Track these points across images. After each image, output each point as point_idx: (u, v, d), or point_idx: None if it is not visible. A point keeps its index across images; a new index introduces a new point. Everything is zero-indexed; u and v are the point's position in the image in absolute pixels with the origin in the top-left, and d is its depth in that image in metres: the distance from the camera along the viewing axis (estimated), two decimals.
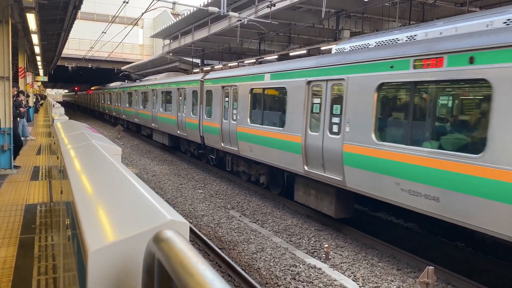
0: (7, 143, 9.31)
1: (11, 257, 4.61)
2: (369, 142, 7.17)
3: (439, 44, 6.11)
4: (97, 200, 1.37)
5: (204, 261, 0.71)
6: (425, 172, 6.12)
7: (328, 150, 8.21)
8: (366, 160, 7.22)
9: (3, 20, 9.24)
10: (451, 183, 5.74)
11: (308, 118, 8.88)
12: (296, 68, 9.38)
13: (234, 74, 12.59)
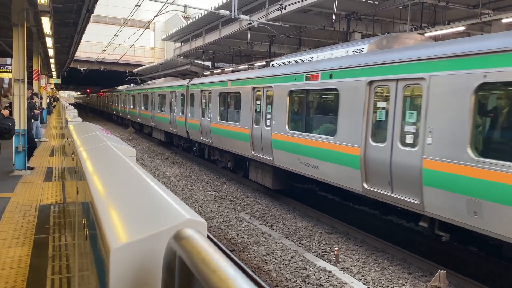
0: (22, 145, 9.46)
1: (26, 256, 4.69)
2: (283, 131, 10.04)
3: (317, 65, 9.01)
4: (116, 200, 1.40)
5: (226, 258, 0.73)
6: (312, 150, 8.88)
7: (265, 139, 10.79)
8: (282, 144, 9.99)
9: (18, 24, 9.41)
10: (322, 156, 8.58)
11: (253, 114, 11.46)
12: (246, 78, 12.14)
13: (208, 80, 15.39)
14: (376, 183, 7.31)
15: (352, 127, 7.79)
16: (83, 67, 42.01)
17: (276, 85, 10.34)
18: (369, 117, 7.45)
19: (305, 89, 9.33)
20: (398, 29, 17.45)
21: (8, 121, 6.59)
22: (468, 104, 5.66)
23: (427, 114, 6.23)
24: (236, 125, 12.30)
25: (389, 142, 6.92)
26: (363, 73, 7.60)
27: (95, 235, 1.38)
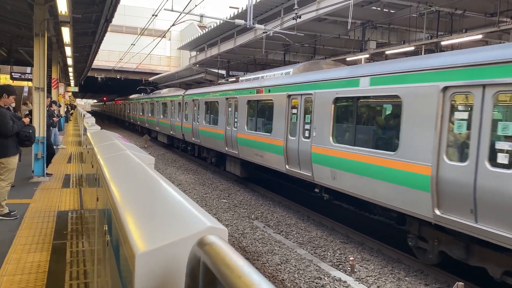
0: (41, 152, 9.66)
1: (45, 261, 4.78)
2: (244, 131, 13.05)
3: (262, 83, 12.30)
4: (138, 207, 1.44)
5: (250, 264, 0.76)
6: (258, 143, 12.00)
7: (231, 138, 13.97)
8: (244, 141, 12.97)
9: (39, 34, 9.66)
10: (264, 147, 11.65)
11: (227, 117, 14.38)
12: (219, 90, 15.66)
13: (197, 92, 18.61)
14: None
15: (278, 127, 10.95)
16: (100, 76, 42.74)
17: (240, 96, 13.50)
18: (287, 119, 10.57)
19: (256, 99, 12.53)
20: (414, 37, 17.36)
21: (29, 129, 6.73)
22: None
23: (313, 115, 9.36)
24: (215, 127, 15.58)
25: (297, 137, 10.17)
26: (285, 89, 10.70)
27: (117, 241, 1.41)
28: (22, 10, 11.56)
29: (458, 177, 5.78)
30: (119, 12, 13.56)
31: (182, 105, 20.29)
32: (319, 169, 9.08)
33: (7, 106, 6.69)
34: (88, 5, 11.98)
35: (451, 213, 5.97)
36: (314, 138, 9.26)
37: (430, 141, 6.29)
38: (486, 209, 5.42)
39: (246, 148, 12.73)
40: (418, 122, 6.57)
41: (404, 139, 6.81)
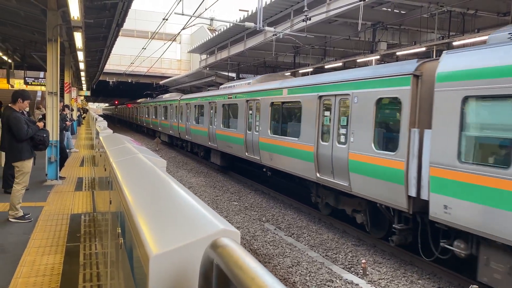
0: (54, 155, 9.79)
1: (59, 264, 4.84)
2: (220, 128, 16.32)
3: (232, 90, 15.57)
4: (151, 210, 1.45)
5: (262, 266, 0.76)
6: (228, 137, 15.28)
7: (213, 134, 17.05)
8: (220, 136, 16.16)
9: (52, 39, 9.80)
10: (233, 140, 14.67)
11: (210, 118, 17.76)
12: (204, 96, 19.38)
13: (190, 96, 22.22)
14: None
15: (241, 123, 14.17)
16: (112, 79, 43.14)
17: (218, 101, 16.79)
18: (246, 118, 13.93)
19: (227, 103, 15.97)
20: (426, 38, 17.22)
21: (43, 133, 6.83)
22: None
23: (260, 115, 12.98)
24: (202, 126, 18.89)
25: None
26: (244, 96, 14.28)
27: (131, 243, 1.43)
28: (35, 16, 11.74)
29: (325, 152, 9.24)
30: (130, 16, 13.69)
31: (178, 108, 23.96)
32: (263, 154, 12.60)
33: (21, 111, 6.80)
34: (99, 10, 12.12)
35: (324, 175, 9.36)
36: (260, 131, 12.81)
37: (313, 130, 9.73)
38: (336, 170, 8.80)
39: (221, 142, 16.41)
40: (308, 118, 10.01)
41: (302, 130, 10.28)
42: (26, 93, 7.07)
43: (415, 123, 6.92)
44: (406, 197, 6.92)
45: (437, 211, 6.30)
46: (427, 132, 6.60)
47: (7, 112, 6.65)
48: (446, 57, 6.52)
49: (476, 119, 6.06)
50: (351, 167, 8.28)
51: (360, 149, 8.08)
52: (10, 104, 6.85)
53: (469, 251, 6.16)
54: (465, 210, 5.89)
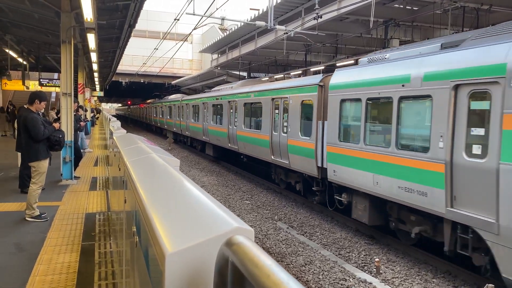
0: (69, 155, 9.93)
1: (75, 262, 4.91)
2: (210, 124, 19.42)
3: (219, 93, 19.02)
4: (166, 208, 1.47)
5: (277, 263, 0.78)
6: (215, 131, 18.75)
7: (207, 130, 20.27)
8: (211, 131, 19.32)
9: (66, 41, 9.94)
10: (220, 134, 18.04)
11: (204, 116, 21.12)
12: (199, 97, 22.84)
13: (189, 98, 26.13)
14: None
15: (225, 119, 17.40)
16: (124, 80, 43.53)
17: (209, 102, 20.34)
18: (228, 116, 17.07)
19: (216, 103, 18.99)
20: (439, 34, 17.01)
21: (59, 133, 6.94)
22: (242, 111, 15.84)
23: (237, 113, 16.00)
24: (198, 123, 22.20)
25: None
26: (226, 98, 17.52)
27: (146, 242, 1.45)
28: (49, 18, 11.92)
29: (276, 139, 12.47)
30: (142, 17, 13.81)
31: (180, 108, 27.44)
32: (240, 143, 15.72)
33: (38, 112, 6.91)
34: (112, 11, 12.24)
35: (275, 156, 12.49)
36: (238, 125, 15.93)
37: (269, 123, 12.89)
38: (282, 152, 11.94)
39: (212, 136, 19.56)
40: (266, 115, 13.24)
41: (263, 124, 13.45)
42: (43, 94, 7.18)
43: (320, 117, 10.20)
44: (316, 167, 10.29)
45: (331, 175, 9.54)
46: (325, 123, 9.94)
47: (24, 113, 6.76)
48: (335, 73, 9.79)
49: (346, 114, 9.33)
50: (289, 149, 11.65)
51: (293, 136, 11.43)
52: (26, 105, 6.97)
53: (349, 199, 9.22)
54: (343, 172, 9.07)
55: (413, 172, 7.05)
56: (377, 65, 8.48)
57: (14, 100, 28.94)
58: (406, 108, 7.55)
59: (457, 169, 6.24)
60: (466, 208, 6.05)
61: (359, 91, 8.63)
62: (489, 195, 5.67)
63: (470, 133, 6.14)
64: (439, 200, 6.44)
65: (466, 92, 6.17)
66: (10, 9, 12.57)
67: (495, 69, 5.69)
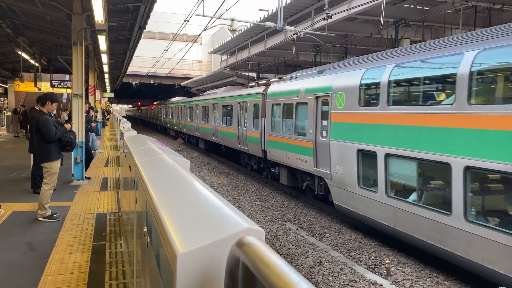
0: (80, 156, 10.02)
1: (86, 262, 4.96)
2: (201, 122, 24.55)
3: (206, 97, 24.34)
4: (177, 209, 1.48)
5: (288, 264, 0.78)
6: (206, 128, 23.34)
7: (199, 127, 25.25)
8: (202, 128, 24.24)
9: (78, 42, 10.04)
10: (207, 130, 23.14)
11: (197, 116, 25.73)
12: (193, 100, 28.40)
13: (187, 100, 30.40)
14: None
15: (211, 119, 21.78)
16: (135, 81, 43.81)
17: (200, 104, 24.93)
18: (212, 116, 21.35)
19: (204, 106, 23.59)
20: (450, 34, 16.84)
21: (70, 134, 7.01)
22: (221, 111, 20.59)
23: (217, 113, 20.91)
24: (192, 122, 27.09)
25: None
26: (212, 101, 21.90)
27: (157, 242, 1.46)
28: (61, 21, 12.06)
29: (240, 132, 16.76)
30: (152, 19, 13.91)
31: (179, 109, 32.21)
32: (220, 137, 20.06)
33: (49, 113, 7.00)
34: (122, 13, 12.35)
35: (241, 146, 16.66)
36: (218, 122, 20.36)
37: (236, 120, 17.24)
38: (244, 142, 16.32)
39: (202, 132, 24.07)
40: (235, 114, 17.46)
41: (233, 121, 17.79)
42: (55, 96, 7.27)
43: (264, 115, 14.49)
44: (261, 150, 14.60)
45: (268, 154, 14.07)
46: (264, 120, 14.31)
47: (36, 114, 6.84)
48: (271, 85, 14.60)
49: (274, 113, 13.66)
50: (247, 139, 15.97)
51: (249, 129, 15.87)
52: (37, 106, 7.05)
53: (278, 171, 13.71)
54: (274, 152, 13.52)
55: (301, 148, 11.46)
56: (289, 82, 13.03)
57: (26, 102, 29.32)
58: (298, 110, 11.90)
59: (317, 145, 10.58)
60: (321, 167, 10.43)
61: (280, 98, 13.20)
62: (328, 159, 9.99)
63: (322, 124, 10.45)
64: (311, 164, 10.85)
65: (320, 101, 10.52)
66: (23, 11, 12.75)
67: (329, 88, 10.04)
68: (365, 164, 8.59)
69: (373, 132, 8.23)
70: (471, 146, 6.03)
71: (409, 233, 7.24)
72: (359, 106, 8.80)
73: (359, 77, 8.90)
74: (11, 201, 7.83)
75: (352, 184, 8.93)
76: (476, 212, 6.13)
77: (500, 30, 6.19)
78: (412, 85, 7.90)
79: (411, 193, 7.44)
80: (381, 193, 7.90)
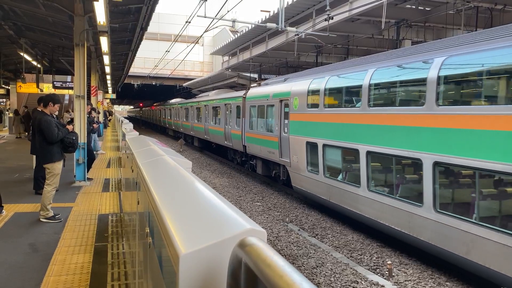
0: (82, 157, 10.04)
1: (88, 263, 4.97)
2: (194, 122, 27.48)
3: (199, 99, 26.88)
4: (179, 210, 1.49)
5: (290, 264, 0.78)
6: (199, 128, 25.73)
7: (193, 127, 27.93)
8: (195, 127, 27.24)
9: (80, 44, 10.06)
10: (200, 129, 25.61)
11: (190, 116, 28.56)
12: (187, 102, 31.72)
13: (183, 101, 33.84)
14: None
15: (203, 118, 24.52)
16: (137, 82, 43.88)
17: (193, 105, 27.17)
18: (204, 116, 24.21)
19: (198, 107, 26.19)
20: (452, 35, 16.82)
21: (72, 135, 7.03)
22: (211, 112, 23.45)
23: (208, 113, 23.68)
24: (187, 121, 29.87)
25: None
26: (204, 103, 24.42)
27: (160, 242, 1.47)
28: (63, 22, 12.09)
29: (227, 130, 19.21)
30: (154, 20, 13.94)
31: (177, 111, 34.68)
32: (211, 135, 22.35)
33: (51, 114, 7.02)
34: (124, 14, 12.37)
35: (227, 142, 19.22)
36: (208, 122, 22.92)
37: (224, 120, 19.80)
38: (229, 138, 18.81)
39: (197, 131, 26.28)
40: (222, 114, 20.11)
41: (220, 120, 20.56)
42: (57, 97, 7.28)
43: (244, 116, 16.71)
44: (242, 146, 16.82)
45: (247, 149, 16.14)
46: (245, 119, 16.49)
47: (38, 116, 6.86)
48: (250, 89, 16.90)
49: (251, 114, 15.84)
50: (232, 136, 18.24)
51: (233, 127, 18.17)
52: (39, 107, 7.07)
53: (255, 162, 15.99)
54: (251, 147, 15.71)
55: (270, 142, 13.87)
56: (263, 87, 15.51)
57: (28, 103, 29.40)
58: (268, 111, 14.23)
59: (281, 139, 12.97)
60: (284, 157, 12.88)
61: (255, 101, 15.55)
62: (288, 150, 12.42)
63: (284, 122, 12.78)
64: (277, 155, 13.30)
65: (283, 103, 12.85)
66: (25, 13, 12.79)
67: (289, 93, 12.42)
68: (311, 153, 11.11)
69: (315, 128, 10.81)
70: (371, 136, 8.45)
71: (338, 203, 9.66)
72: (307, 108, 11.35)
73: (307, 85, 11.42)
74: (14, 202, 7.85)
75: (303, 169, 11.50)
76: (374, 182, 8.63)
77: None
78: (338, 92, 10.53)
79: (339, 174, 9.99)
80: (321, 174, 10.45)
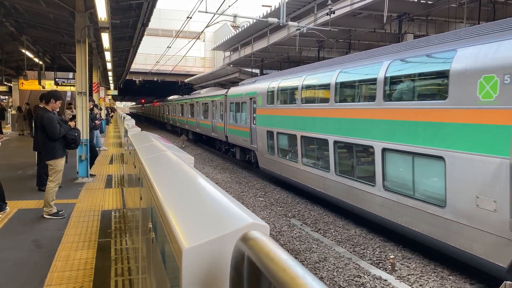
0: (84, 153, 10.07)
1: (91, 259, 4.99)
2: (190, 117, 29.89)
3: (193, 96, 29.55)
4: (182, 205, 1.49)
5: (293, 258, 0.78)
6: (192, 122, 28.76)
7: (188, 122, 30.92)
8: (190, 122, 29.76)
9: (81, 40, 10.06)
10: (192, 123, 28.80)
11: (184, 112, 31.98)
12: (183, 98, 34.27)
13: (179, 98, 36.27)
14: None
15: (196, 114, 27.67)
16: (138, 79, 43.88)
17: (188, 102, 30.10)
18: (196, 112, 27.61)
19: (191, 103, 28.62)
20: (454, 28, 16.74)
21: (75, 132, 7.04)
22: (202, 108, 26.99)
23: (198, 110, 26.62)
24: (182, 117, 32.35)
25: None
26: (196, 99, 27.20)
27: (163, 238, 1.47)
28: (64, 19, 12.09)
29: (213, 123, 22.26)
30: (155, 16, 13.90)
31: (174, 106, 36.82)
32: (201, 128, 25.40)
33: (53, 111, 7.03)
34: (125, 11, 12.35)
35: (214, 133, 22.33)
36: (199, 116, 25.71)
37: (211, 114, 22.80)
38: (215, 130, 21.96)
39: (190, 125, 28.82)
40: (210, 110, 23.06)
41: (209, 115, 23.37)
42: (59, 93, 7.29)
43: (226, 111, 19.67)
44: (225, 136, 19.85)
45: (229, 138, 19.31)
46: (226, 114, 19.56)
47: (40, 112, 6.87)
48: (231, 88, 20.08)
49: (231, 109, 18.88)
50: (217, 128, 21.06)
51: (218, 121, 20.84)
52: (41, 104, 7.08)
53: (235, 150, 19.03)
54: (232, 137, 18.76)
55: (244, 132, 16.43)
56: (240, 87, 18.10)
57: (30, 100, 29.45)
58: (242, 107, 16.91)
59: (251, 130, 15.54)
60: (253, 144, 15.49)
61: (234, 99, 18.35)
62: (256, 138, 15.01)
63: (253, 116, 15.35)
64: (249, 142, 15.90)
65: (252, 100, 15.48)
66: (26, 10, 12.79)
67: (255, 92, 15.06)
68: (269, 139, 13.90)
69: (272, 120, 13.65)
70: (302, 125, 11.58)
71: (288, 176, 12.58)
72: (267, 104, 14.02)
73: (267, 85, 14.15)
74: (17, 198, 7.88)
75: (265, 152, 14.31)
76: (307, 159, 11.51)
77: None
78: (285, 92, 12.89)
79: (288, 153, 12.64)
80: (276, 155, 13.35)
